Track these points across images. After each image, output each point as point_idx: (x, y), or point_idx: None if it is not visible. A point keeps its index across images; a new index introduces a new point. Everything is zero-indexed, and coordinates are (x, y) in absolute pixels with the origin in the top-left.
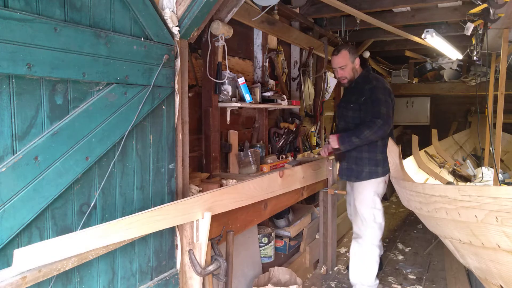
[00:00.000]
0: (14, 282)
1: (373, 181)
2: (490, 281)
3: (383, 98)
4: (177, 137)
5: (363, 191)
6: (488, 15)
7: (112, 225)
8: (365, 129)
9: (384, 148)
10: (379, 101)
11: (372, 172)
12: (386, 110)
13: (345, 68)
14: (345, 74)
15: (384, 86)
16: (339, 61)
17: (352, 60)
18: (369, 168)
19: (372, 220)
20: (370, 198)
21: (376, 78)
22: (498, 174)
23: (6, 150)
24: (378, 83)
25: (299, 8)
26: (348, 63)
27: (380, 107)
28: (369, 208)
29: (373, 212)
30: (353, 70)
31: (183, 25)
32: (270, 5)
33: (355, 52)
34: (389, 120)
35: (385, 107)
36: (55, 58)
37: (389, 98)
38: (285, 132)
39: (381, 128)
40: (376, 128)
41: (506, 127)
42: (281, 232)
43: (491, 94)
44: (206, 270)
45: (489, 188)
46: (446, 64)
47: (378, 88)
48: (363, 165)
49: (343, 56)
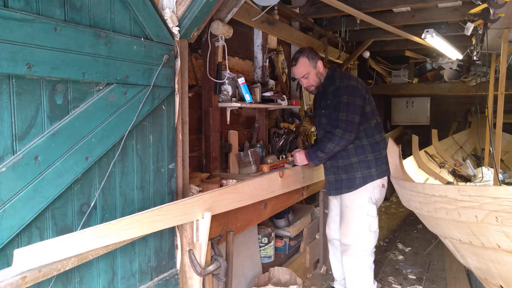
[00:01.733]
0: (14, 282)
1: (368, 186)
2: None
3: (345, 99)
4: (177, 137)
5: (356, 198)
6: (488, 15)
7: (112, 225)
8: (327, 142)
9: (374, 147)
10: (339, 106)
11: (366, 176)
12: (346, 115)
13: (309, 76)
14: (311, 82)
15: (349, 85)
16: (299, 71)
17: (314, 65)
18: (361, 173)
19: (368, 229)
20: (365, 205)
21: (340, 76)
22: (498, 174)
23: (6, 150)
24: (342, 82)
25: (299, 8)
26: (309, 70)
27: (339, 113)
28: (364, 216)
29: (368, 220)
30: (318, 75)
31: (183, 25)
32: (270, 5)
33: (315, 56)
34: (350, 126)
35: (345, 112)
36: (55, 58)
37: (355, 97)
38: (285, 132)
39: (342, 138)
40: (337, 139)
41: (506, 127)
42: (281, 232)
43: (491, 94)
44: (206, 270)
45: (489, 188)
46: (446, 64)
47: (341, 88)
48: (354, 171)
49: (303, 64)
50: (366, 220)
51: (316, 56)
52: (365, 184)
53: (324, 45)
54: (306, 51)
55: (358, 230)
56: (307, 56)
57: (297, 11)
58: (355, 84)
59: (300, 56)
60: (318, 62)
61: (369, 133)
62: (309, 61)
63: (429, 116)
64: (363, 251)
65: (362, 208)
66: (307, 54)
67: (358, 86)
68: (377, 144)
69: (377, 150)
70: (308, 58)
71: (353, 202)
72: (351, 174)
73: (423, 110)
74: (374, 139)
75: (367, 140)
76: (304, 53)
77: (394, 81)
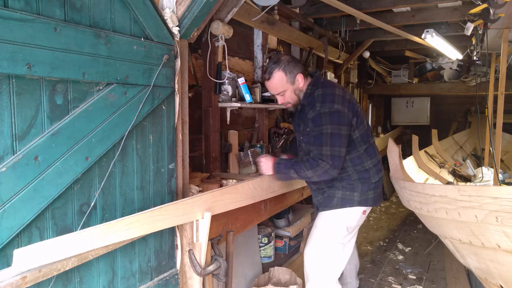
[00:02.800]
0: (14, 282)
1: (345, 211)
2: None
3: (328, 129)
4: (177, 137)
5: (329, 221)
6: (488, 15)
7: (112, 225)
8: (307, 169)
9: (362, 174)
10: (321, 137)
11: (346, 199)
12: (331, 149)
13: (285, 93)
14: (287, 99)
15: (332, 110)
16: (274, 87)
17: (292, 81)
18: (342, 193)
19: (330, 260)
20: (336, 231)
21: (322, 96)
22: (498, 174)
23: (6, 150)
24: (323, 106)
25: (299, 8)
26: (286, 87)
27: (322, 148)
28: (330, 244)
29: (334, 250)
30: (296, 92)
31: (183, 25)
32: (270, 5)
33: (294, 68)
34: (337, 161)
35: (329, 145)
36: (55, 58)
37: (340, 125)
38: (285, 132)
39: (327, 173)
40: (319, 172)
41: (506, 127)
42: (281, 232)
43: (491, 94)
44: (206, 270)
45: (489, 188)
46: (446, 64)
47: (322, 116)
48: (335, 190)
49: (278, 80)
50: (331, 249)
51: (295, 67)
52: (342, 207)
53: (324, 45)
54: (283, 62)
55: (320, 258)
56: (284, 70)
57: (297, 11)
58: (339, 108)
59: (275, 69)
60: (298, 76)
61: (357, 162)
62: (287, 76)
63: (429, 116)
64: (322, 285)
65: (330, 234)
66: (284, 66)
67: (344, 110)
68: (367, 172)
69: (366, 177)
70: (285, 72)
71: (323, 223)
72: (331, 192)
73: (423, 110)
74: (363, 166)
75: (353, 168)
76: (281, 64)
77: (394, 81)
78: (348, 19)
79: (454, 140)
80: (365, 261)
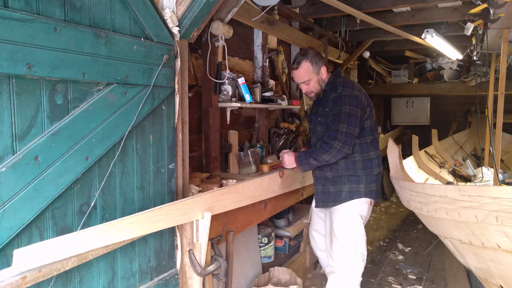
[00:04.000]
0: (14, 282)
1: (355, 202)
2: (490, 281)
3: (347, 110)
4: (177, 137)
5: (343, 213)
6: (488, 15)
7: (112, 225)
8: (323, 152)
9: (366, 163)
10: (340, 116)
11: (354, 192)
12: (347, 127)
13: (310, 83)
14: (311, 88)
15: (352, 94)
16: (300, 75)
17: (317, 72)
18: (349, 186)
19: (354, 249)
20: (354, 220)
21: (343, 83)
22: (498, 174)
23: (6, 150)
24: (345, 90)
25: (299, 8)
26: (312, 76)
27: (340, 125)
28: (351, 233)
29: (355, 240)
30: (320, 82)
31: (183, 25)
32: (270, 5)
33: (319, 60)
34: (350, 139)
35: (346, 123)
36: (55, 58)
37: (357, 108)
38: (285, 132)
39: (340, 151)
40: (334, 152)
41: (506, 127)
42: (281, 232)
43: (491, 94)
44: (206, 270)
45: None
46: (446, 64)
47: (343, 97)
48: (342, 184)
49: (305, 69)
50: (352, 238)
51: (320, 60)
52: (351, 199)
53: (324, 45)
54: (310, 55)
55: (344, 250)
56: (311, 61)
57: (297, 11)
58: (358, 94)
59: (303, 60)
60: (322, 68)
61: (364, 149)
62: (313, 67)
63: (429, 116)
64: (349, 278)
65: (348, 224)
66: (311, 58)
67: (361, 97)
68: (370, 161)
69: (369, 167)
70: (312, 63)
71: (339, 217)
72: (338, 187)
73: (423, 110)
74: (368, 155)
75: (360, 155)
76: (308, 56)
77: (394, 81)
78: (348, 19)
79: (454, 140)
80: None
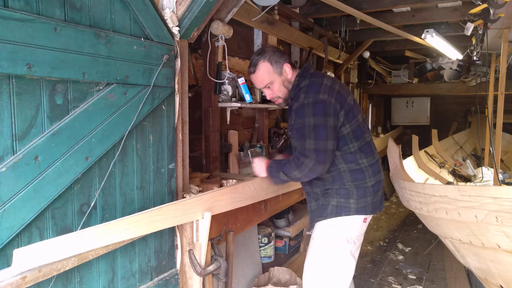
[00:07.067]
0: (14, 282)
1: (342, 220)
2: (490, 281)
3: (311, 121)
4: (177, 137)
5: (324, 232)
6: (488, 15)
7: (112, 225)
8: (294, 169)
9: (356, 174)
10: (303, 131)
11: (342, 207)
12: (315, 143)
13: (273, 86)
14: (276, 93)
15: (317, 100)
16: (259, 79)
17: (279, 72)
18: (337, 200)
19: (332, 276)
20: (335, 247)
21: (307, 87)
22: (498, 174)
23: (6, 150)
24: (307, 97)
25: (299, 8)
26: (273, 78)
27: (305, 141)
28: (326, 263)
29: (327, 273)
30: (285, 84)
31: (183, 25)
32: (270, 5)
33: (280, 57)
34: (322, 156)
35: (313, 138)
36: (55, 58)
37: (326, 116)
38: (285, 132)
39: (313, 171)
40: (305, 171)
41: (506, 127)
42: (281, 232)
43: (491, 94)
44: (206, 270)
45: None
46: (446, 64)
47: (305, 106)
48: (330, 197)
49: (264, 71)
50: (332, 262)
51: (281, 57)
52: (337, 215)
53: (324, 45)
54: (268, 53)
55: (320, 274)
56: (270, 60)
57: (297, 11)
58: (325, 98)
59: (260, 60)
60: (285, 66)
61: (349, 159)
62: (273, 67)
63: (429, 116)
64: None
65: (325, 250)
66: (269, 56)
67: (330, 100)
68: (361, 171)
69: (360, 178)
70: (271, 62)
71: (319, 234)
72: (326, 201)
73: (423, 110)
74: (357, 165)
75: (346, 166)
76: (265, 55)
77: (394, 81)
78: (348, 19)
79: (454, 140)
80: (365, 261)
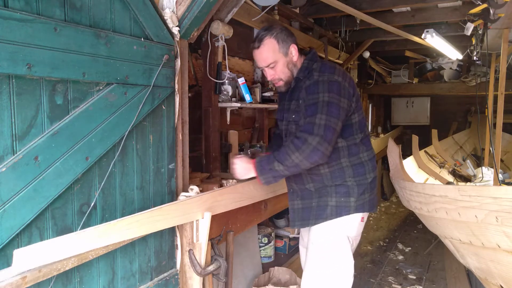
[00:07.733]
0: (14, 282)
1: (343, 220)
2: (490, 281)
3: (326, 97)
4: (177, 137)
5: (326, 234)
6: (488, 15)
7: (112, 225)
8: (292, 151)
9: (358, 169)
10: (316, 105)
11: (342, 207)
12: (326, 118)
13: (276, 66)
14: (278, 75)
15: (332, 79)
16: (263, 56)
17: (285, 52)
18: (336, 200)
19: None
20: (338, 246)
21: (320, 68)
22: (498, 174)
23: (6, 150)
24: (322, 75)
25: (299, 8)
26: (278, 57)
27: (315, 116)
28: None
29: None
30: (289, 66)
31: (183, 25)
32: (270, 5)
33: (287, 37)
34: (330, 133)
35: (325, 113)
36: (55, 58)
37: (340, 96)
38: None
39: (316, 150)
40: (308, 150)
41: (506, 127)
42: (281, 232)
43: (491, 94)
44: (206, 270)
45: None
46: (446, 64)
47: (319, 83)
48: (328, 196)
49: (269, 48)
50: (335, 265)
51: (289, 37)
52: (338, 216)
53: (324, 45)
54: (276, 30)
55: (323, 280)
56: (276, 37)
57: (297, 11)
58: (340, 80)
59: (267, 36)
60: (292, 47)
61: (353, 151)
62: (279, 45)
63: (429, 116)
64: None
65: (329, 252)
66: (277, 34)
67: (345, 84)
68: (362, 166)
69: (361, 173)
70: (277, 40)
71: (319, 239)
72: (323, 200)
73: (423, 110)
74: (358, 158)
75: (348, 160)
76: (273, 32)
77: (394, 81)
78: (348, 19)
79: (454, 140)
80: (365, 261)
